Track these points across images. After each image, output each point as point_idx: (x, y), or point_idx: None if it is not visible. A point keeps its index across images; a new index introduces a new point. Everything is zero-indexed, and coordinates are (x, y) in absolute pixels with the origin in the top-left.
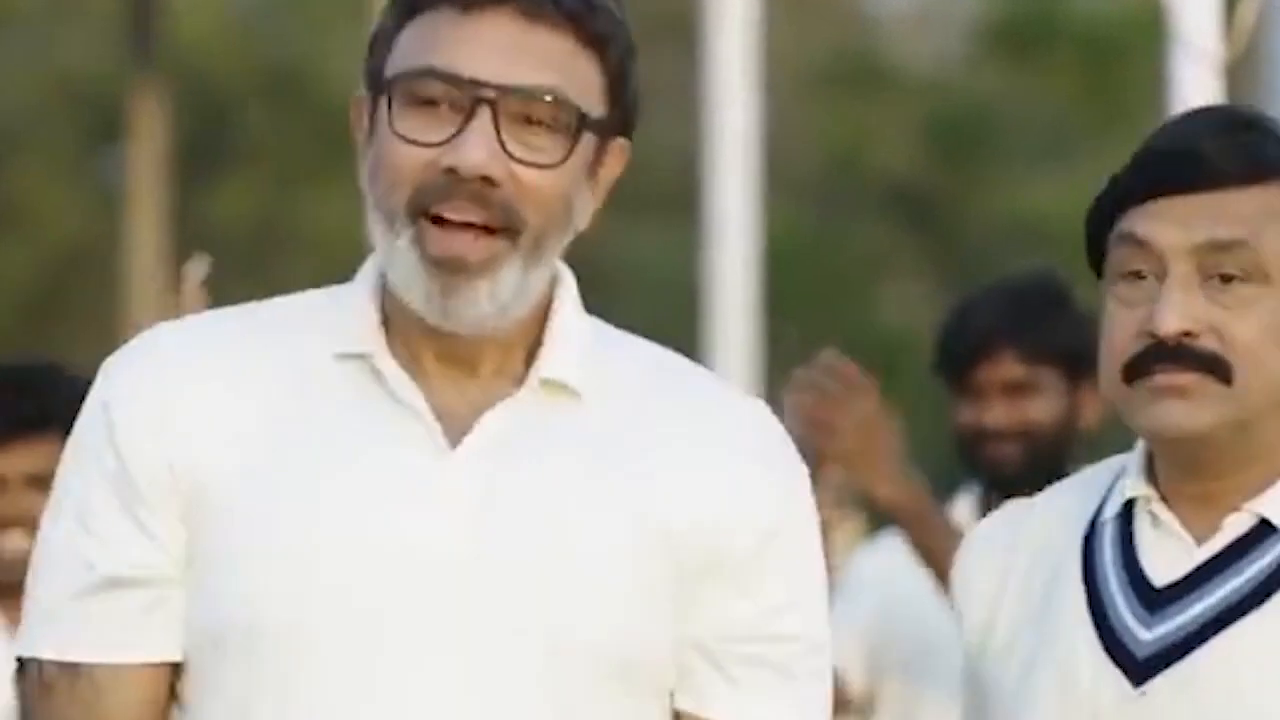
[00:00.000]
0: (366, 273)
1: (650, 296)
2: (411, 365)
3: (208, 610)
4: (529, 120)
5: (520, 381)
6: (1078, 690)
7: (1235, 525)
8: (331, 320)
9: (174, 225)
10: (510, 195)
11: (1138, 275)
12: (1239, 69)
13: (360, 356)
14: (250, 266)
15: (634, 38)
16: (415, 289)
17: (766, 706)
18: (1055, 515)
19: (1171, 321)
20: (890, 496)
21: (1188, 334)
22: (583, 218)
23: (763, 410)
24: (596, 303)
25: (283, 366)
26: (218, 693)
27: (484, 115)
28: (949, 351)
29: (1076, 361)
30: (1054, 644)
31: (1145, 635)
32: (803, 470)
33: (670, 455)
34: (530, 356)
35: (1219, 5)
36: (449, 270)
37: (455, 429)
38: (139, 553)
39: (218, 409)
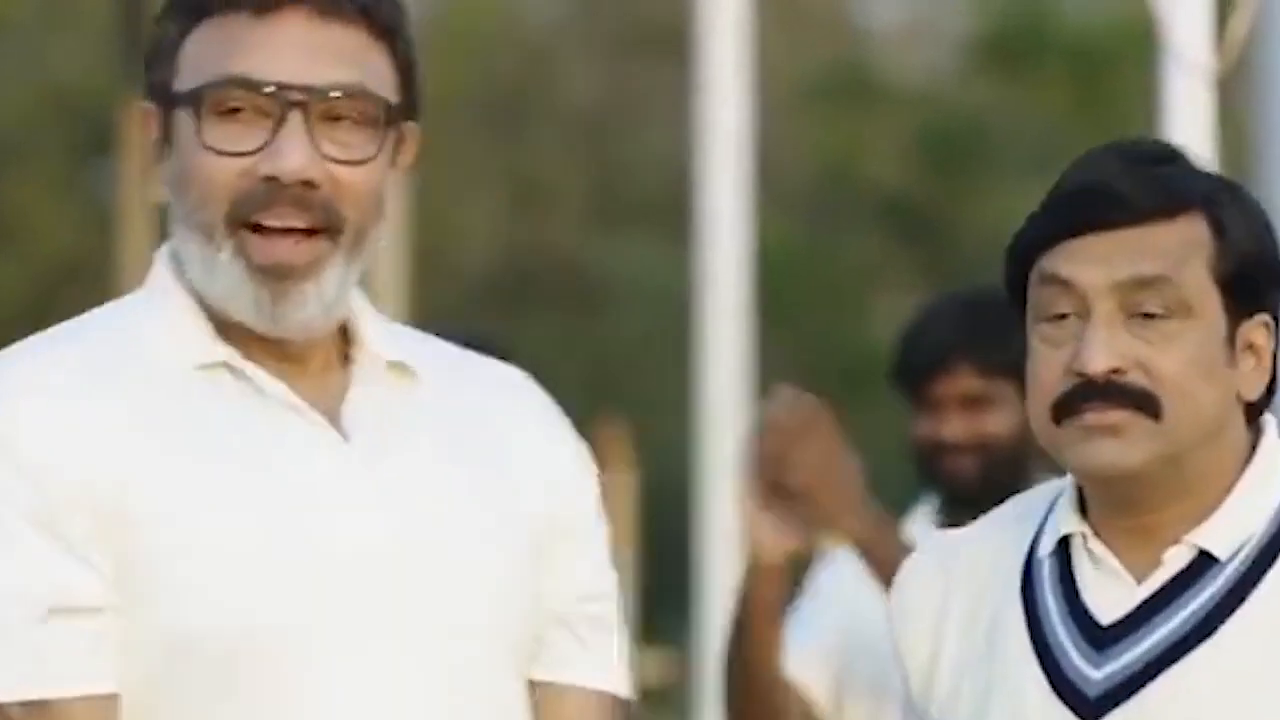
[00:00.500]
0: (166, 282)
1: (641, 306)
2: (258, 365)
3: (153, 631)
4: (337, 118)
5: (343, 371)
6: None
7: (1176, 559)
8: (168, 333)
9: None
10: (329, 195)
11: (1061, 315)
12: (1230, 82)
13: (220, 365)
14: None
15: (624, 51)
16: (243, 299)
17: (607, 661)
18: (989, 551)
19: (1099, 360)
20: (851, 529)
21: (1115, 371)
22: (390, 208)
23: (532, 382)
24: (588, 312)
25: (146, 384)
26: (178, 711)
27: (295, 119)
28: (906, 364)
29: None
30: (1002, 686)
31: (1094, 674)
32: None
33: (502, 431)
34: (341, 345)
35: (1210, 18)
36: (276, 277)
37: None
38: (78, 579)
39: (115, 429)
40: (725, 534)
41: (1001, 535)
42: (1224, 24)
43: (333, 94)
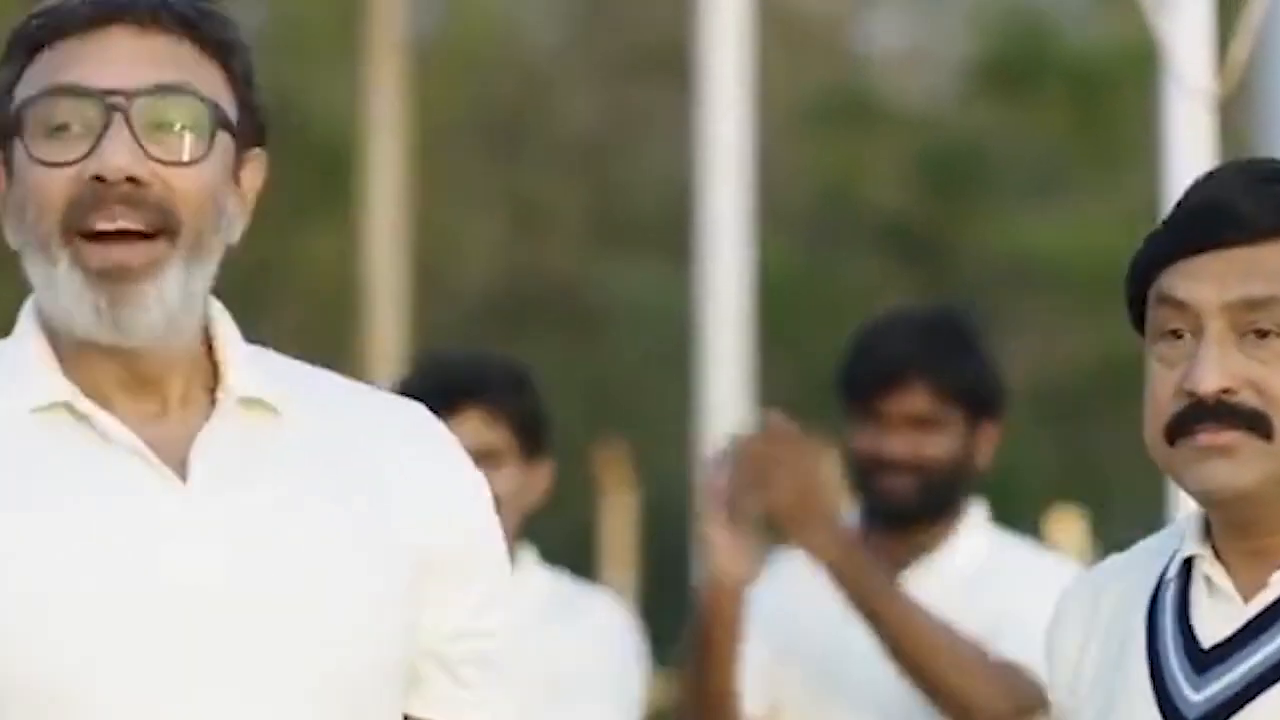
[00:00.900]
0: (25, 323)
1: (641, 328)
2: (104, 407)
3: None
4: (163, 125)
5: (209, 408)
6: None
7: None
8: (11, 374)
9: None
10: (161, 196)
11: (1176, 334)
12: (1232, 105)
13: (58, 405)
14: (243, 305)
15: (624, 73)
16: (83, 307)
17: (490, 702)
18: (1135, 574)
19: (1210, 380)
20: (825, 554)
21: (1226, 391)
22: (234, 228)
23: (430, 416)
24: (589, 333)
25: None
26: None
27: (119, 122)
28: (857, 376)
29: (980, 402)
30: (1119, 706)
31: (1194, 697)
32: (478, 471)
33: (375, 464)
34: (210, 382)
35: (1212, 41)
36: (113, 279)
37: (171, 462)
38: None
39: None
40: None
41: (1147, 559)
42: (1225, 47)
43: (154, 93)
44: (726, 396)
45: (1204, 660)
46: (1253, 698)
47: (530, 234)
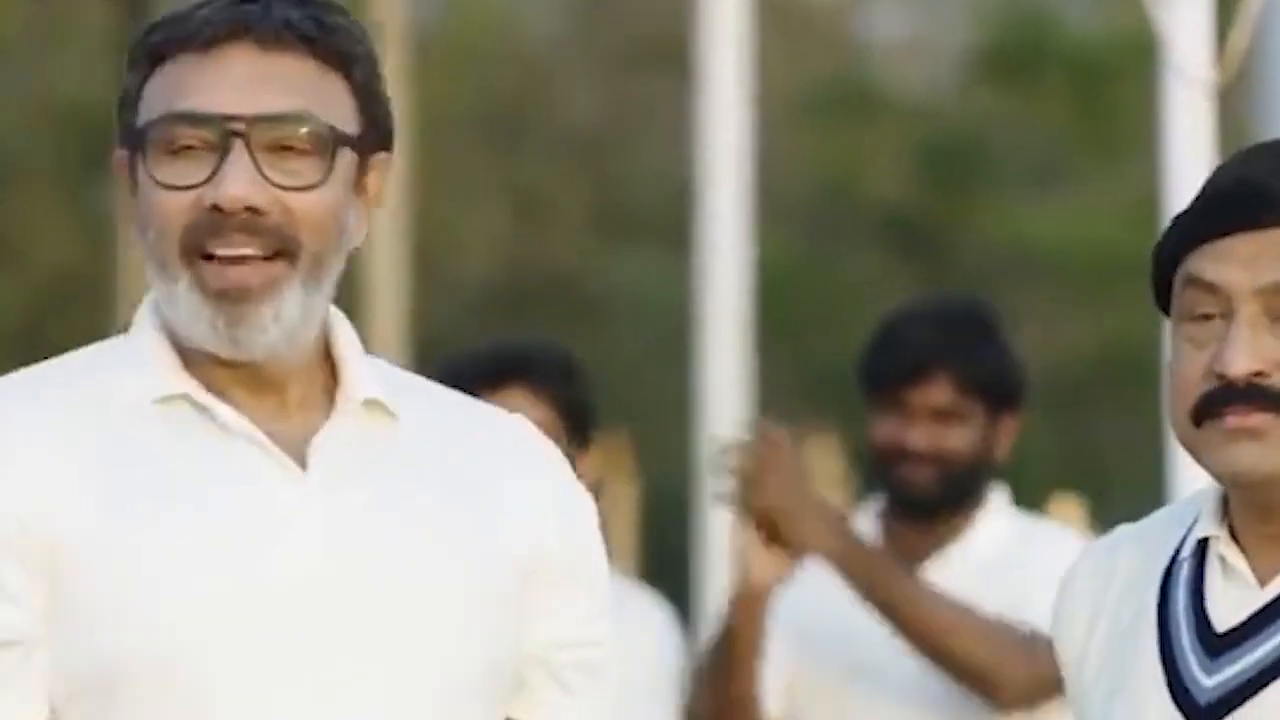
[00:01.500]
0: (145, 321)
1: (641, 322)
2: (226, 402)
3: (85, 662)
4: (284, 147)
5: (328, 410)
6: None
7: None
8: (133, 368)
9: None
10: (279, 222)
11: (1206, 317)
12: (1231, 94)
13: (179, 397)
14: None
15: (624, 64)
16: (201, 326)
17: (591, 708)
18: (1147, 549)
19: (1241, 362)
20: (823, 545)
21: (1258, 374)
22: (356, 236)
23: (534, 429)
24: (589, 330)
25: (103, 417)
26: None
27: (238, 148)
28: (881, 366)
29: (1001, 394)
30: (1127, 685)
31: (1207, 681)
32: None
33: (487, 472)
34: (329, 385)
35: (1210, 30)
36: (231, 300)
37: (291, 456)
38: (4, 615)
39: (55, 464)
40: (726, 546)
41: (1160, 534)
42: (1224, 36)
43: (274, 121)
44: (726, 388)
45: (1217, 645)
46: (1266, 684)
47: (530, 226)
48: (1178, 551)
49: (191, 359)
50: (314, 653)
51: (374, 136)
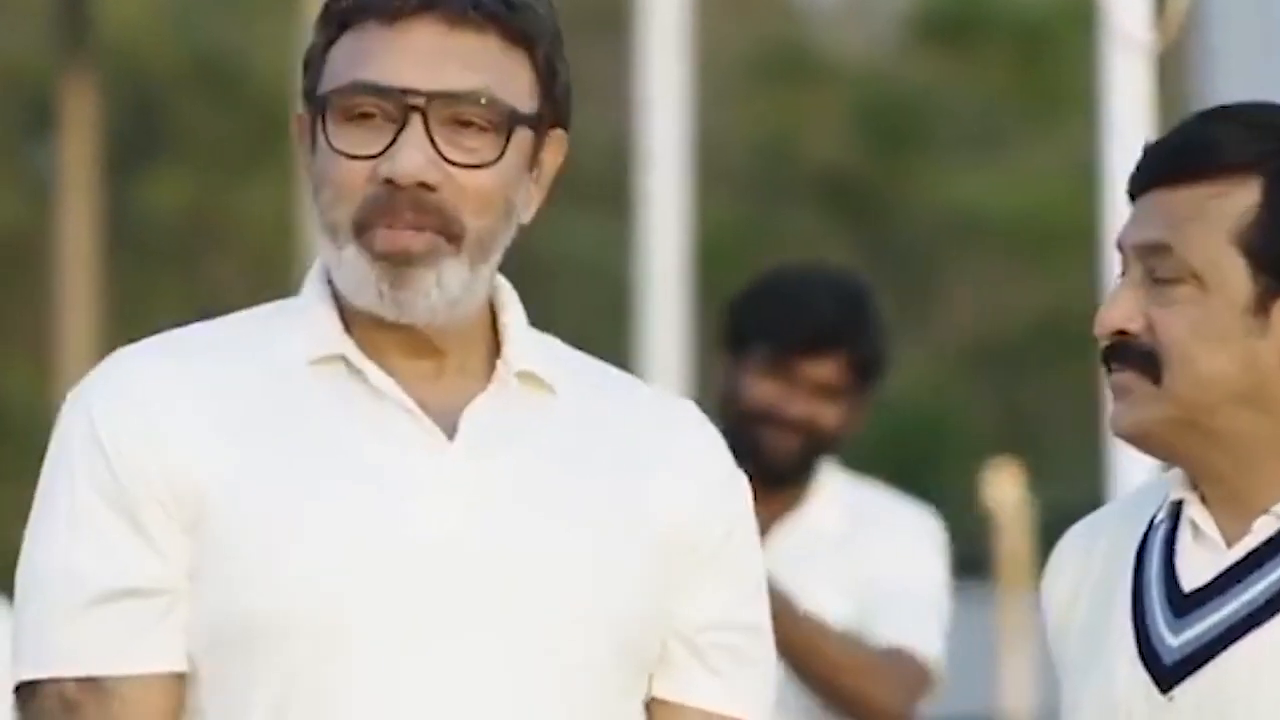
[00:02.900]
0: (314, 282)
1: (582, 288)
2: (383, 366)
3: (225, 613)
4: (461, 123)
5: (486, 378)
6: (1114, 695)
7: (1263, 528)
8: (295, 328)
9: (106, 216)
10: (447, 199)
11: (1121, 275)
12: (1170, 58)
13: (336, 358)
14: (181, 258)
15: (563, 29)
16: (367, 288)
17: (740, 693)
18: (1128, 519)
19: (1104, 320)
20: None
21: (1123, 333)
22: (525, 211)
23: (699, 413)
24: (529, 294)
25: (259, 374)
26: (239, 693)
27: (416, 122)
28: (779, 330)
29: (876, 375)
30: (1103, 648)
31: (1172, 641)
32: (739, 468)
33: (642, 451)
34: (490, 356)
35: None
36: (395, 263)
37: (440, 423)
38: (145, 564)
39: (204, 419)
40: None
41: (1141, 504)
42: (1163, 0)
43: (452, 98)
44: (666, 352)
45: (1183, 604)
46: (1228, 645)
47: None
48: (1155, 517)
49: (353, 320)
50: (446, 619)
51: (551, 114)
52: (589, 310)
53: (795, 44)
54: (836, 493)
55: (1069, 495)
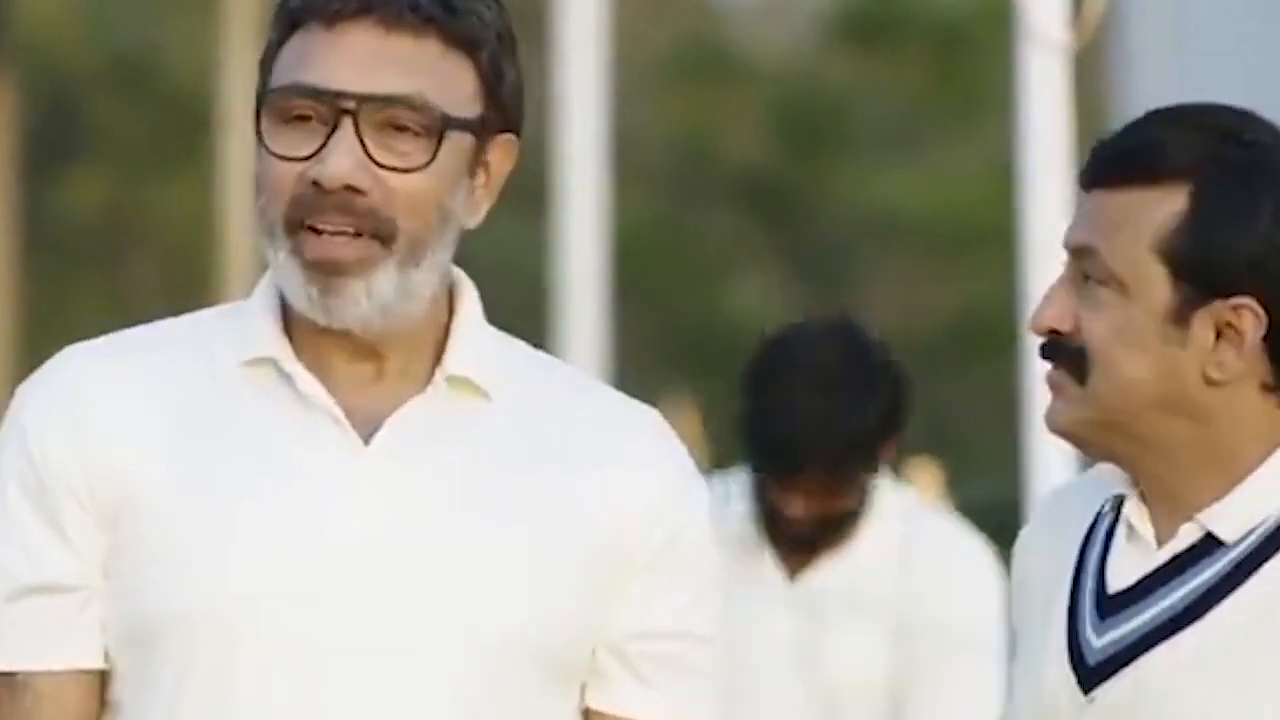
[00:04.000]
0: (264, 286)
1: (500, 286)
2: (319, 368)
3: (139, 611)
4: (395, 127)
5: (427, 382)
6: (1043, 694)
7: (1187, 534)
8: (234, 331)
9: (23, 216)
10: (378, 202)
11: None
12: (1087, 58)
13: (266, 361)
14: (99, 258)
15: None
16: (299, 293)
17: (673, 705)
18: (1081, 507)
19: (1038, 318)
20: None
21: (1053, 331)
22: (471, 216)
23: (660, 419)
24: None
25: (191, 376)
26: (152, 690)
27: (347, 125)
28: (760, 451)
29: (883, 442)
30: (1039, 636)
31: (1097, 642)
32: (699, 476)
33: (579, 457)
34: (437, 358)
35: None
36: (324, 272)
37: (366, 427)
38: (63, 561)
39: (131, 420)
40: None
41: (1096, 492)
42: (1080, 1)
43: (383, 102)
44: (585, 352)
45: (1109, 606)
46: (1147, 649)
47: None
48: (1102, 508)
49: (296, 323)
50: (359, 623)
51: (498, 118)
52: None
53: (713, 43)
54: (888, 524)
55: (988, 493)
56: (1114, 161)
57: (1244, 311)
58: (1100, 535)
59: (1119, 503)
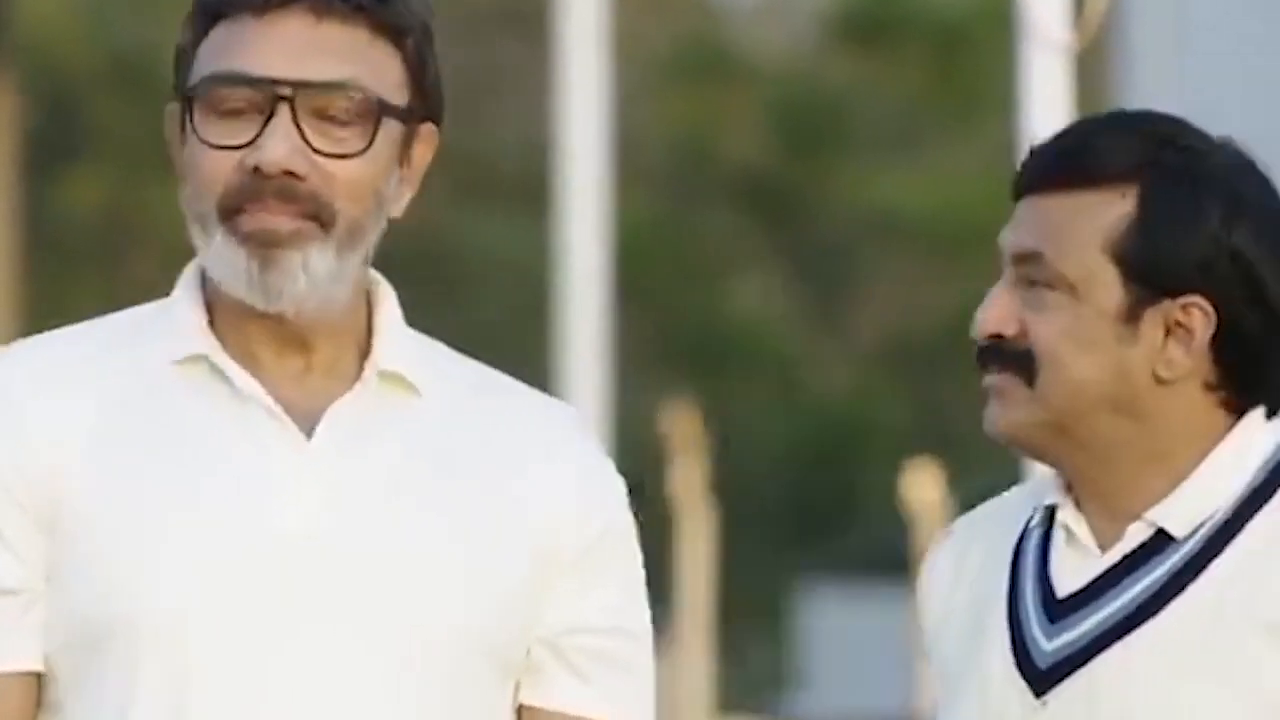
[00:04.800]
0: (187, 280)
1: (501, 287)
2: (248, 364)
3: (80, 612)
4: (328, 115)
5: (354, 379)
6: (990, 701)
7: (1135, 534)
8: (162, 329)
9: (24, 216)
10: (317, 187)
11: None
12: (1089, 58)
13: (198, 358)
14: (99, 257)
15: (482, 26)
16: (236, 273)
17: (609, 700)
18: (1003, 522)
19: (981, 323)
20: None
21: (997, 335)
22: (396, 205)
23: (579, 417)
24: (449, 292)
25: (124, 376)
26: (92, 692)
27: (283, 112)
28: None
29: None
30: (977, 657)
31: (1047, 645)
32: (619, 475)
33: (516, 451)
34: (362, 354)
35: None
36: (261, 243)
37: (302, 423)
38: (4, 563)
39: (66, 420)
40: None
41: (1016, 507)
42: (1082, 3)
43: (319, 89)
44: (585, 351)
45: (1058, 609)
46: (1100, 650)
47: None
48: (1030, 521)
49: (223, 317)
50: (298, 621)
51: (422, 108)
52: (508, 308)
53: (714, 43)
54: None
55: (988, 494)
56: (1055, 166)
57: (1193, 310)
58: (1032, 546)
59: (1050, 513)
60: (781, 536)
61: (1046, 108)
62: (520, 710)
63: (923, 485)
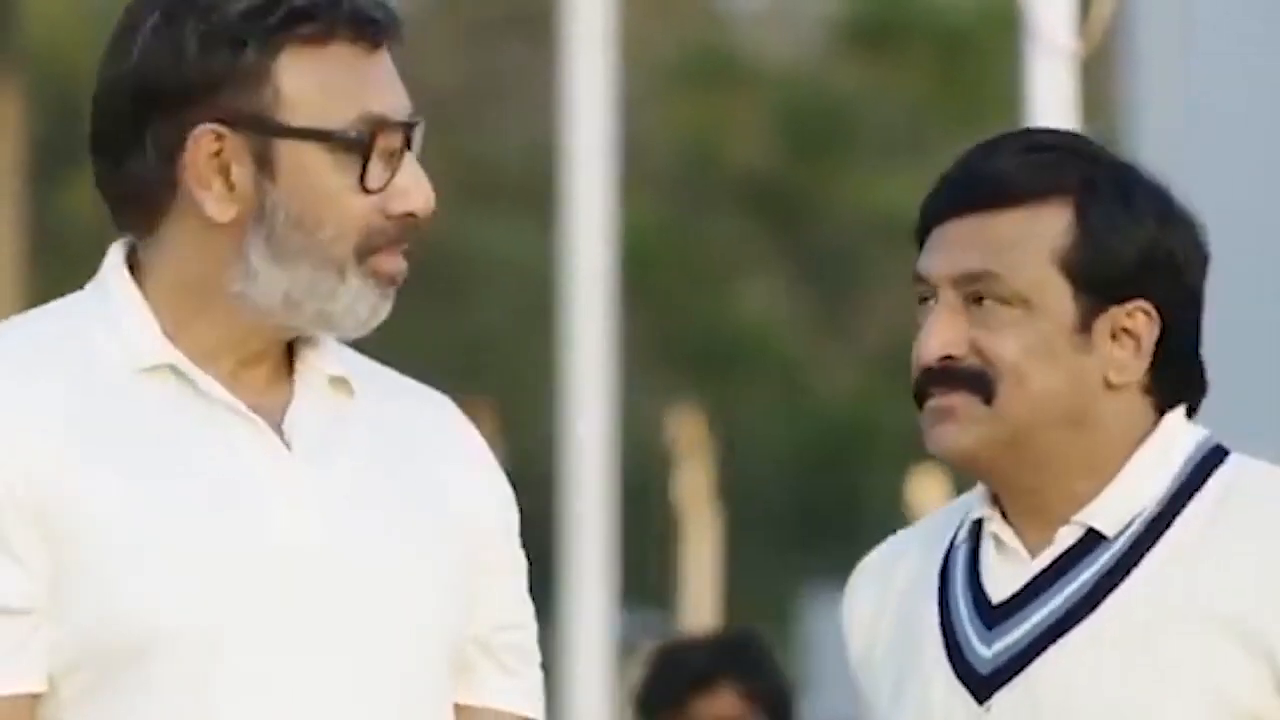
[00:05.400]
0: (118, 280)
1: (507, 290)
2: (206, 366)
3: (90, 633)
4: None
5: (289, 381)
6: (932, 711)
7: (1066, 536)
8: (116, 334)
9: (30, 221)
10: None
11: (923, 300)
12: (1094, 64)
13: (164, 368)
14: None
15: (489, 30)
16: (366, 312)
17: (528, 694)
18: (928, 542)
19: (931, 347)
20: None
21: (948, 357)
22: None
23: (456, 408)
24: (455, 295)
25: (90, 382)
26: (105, 708)
27: (410, 154)
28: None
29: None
30: (914, 674)
31: (985, 652)
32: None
33: (432, 450)
34: (284, 357)
35: (1074, 0)
36: (392, 283)
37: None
38: (16, 584)
39: (54, 436)
40: (592, 515)
41: (940, 527)
42: (1088, 6)
43: (418, 121)
44: (591, 354)
45: (993, 616)
46: (1039, 652)
47: None
48: (954, 539)
49: (182, 327)
50: (307, 626)
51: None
52: (514, 311)
53: (720, 48)
54: None
55: None
56: (985, 187)
57: (1138, 315)
58: (960, 559)
59: (976, 526)
60: (786, 540)
61: (1052, 113)
62: (455, 709)
63: (928, 489)
